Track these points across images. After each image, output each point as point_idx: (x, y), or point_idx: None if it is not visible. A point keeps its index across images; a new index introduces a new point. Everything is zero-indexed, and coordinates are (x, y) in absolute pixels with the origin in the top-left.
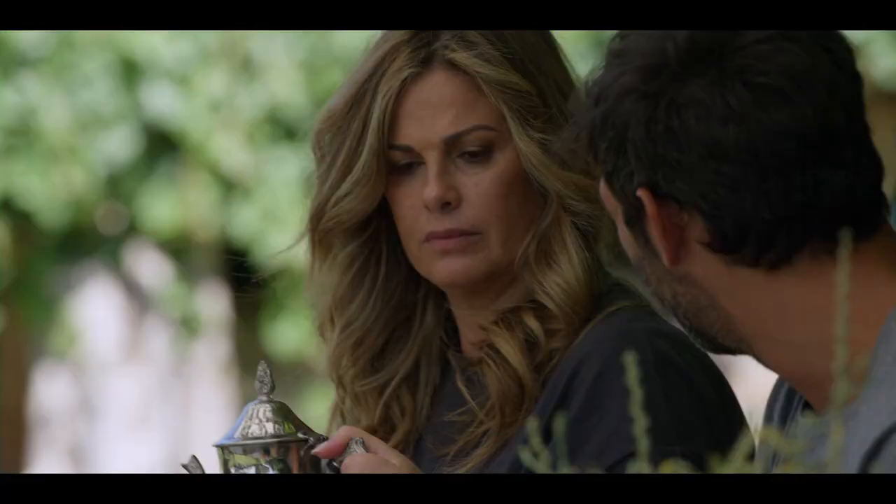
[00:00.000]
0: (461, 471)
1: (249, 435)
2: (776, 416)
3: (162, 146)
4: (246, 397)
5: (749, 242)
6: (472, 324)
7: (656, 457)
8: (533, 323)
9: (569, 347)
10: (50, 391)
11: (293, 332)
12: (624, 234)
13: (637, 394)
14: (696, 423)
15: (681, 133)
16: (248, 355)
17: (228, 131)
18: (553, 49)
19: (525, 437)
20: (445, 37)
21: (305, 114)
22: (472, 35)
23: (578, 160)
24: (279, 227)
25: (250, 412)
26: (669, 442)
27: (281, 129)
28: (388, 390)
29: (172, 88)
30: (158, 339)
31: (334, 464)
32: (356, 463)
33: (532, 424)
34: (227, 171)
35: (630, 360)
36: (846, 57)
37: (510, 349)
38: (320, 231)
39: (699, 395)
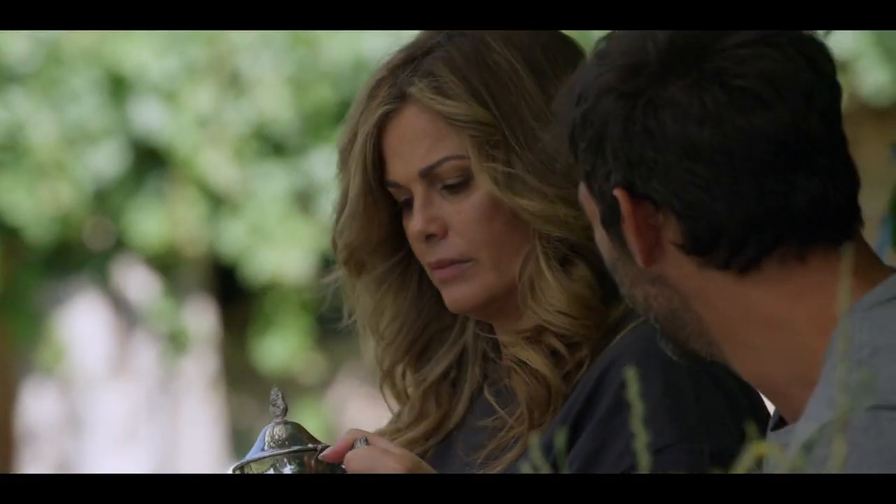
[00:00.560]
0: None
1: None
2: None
3: (149, 162)
4: (233, 412)
5: (721, 245)
6: (502, 341)
7: (686, 455)
8: (554, 341)
9: (601, 352)
10: (37, 406)
11: (281, 348)
12: (600, 235)
13: (638, 407)
14: (726, 423)
15: (657, 133)
16: (236, 371)
17: (216, 147)
18: (536, 70)
19: (548, 441)
20: (414, 70)
21: (293, 129)
22: (438, 65)
23: (561, 165)
24: (267, 243)
25: (266, 434)
26: (699, 440)
27: (269, 144)
28: (425, 385)
29: (160, 104)
30: (146, 354)
31: (343, 467)
32: (356, 455)
33: (533, 440)
34: (215, 186)
35: (631, 375)
36: (826, 65)
37: (534, 356)
38: (340, 259)
39: (729, 397)
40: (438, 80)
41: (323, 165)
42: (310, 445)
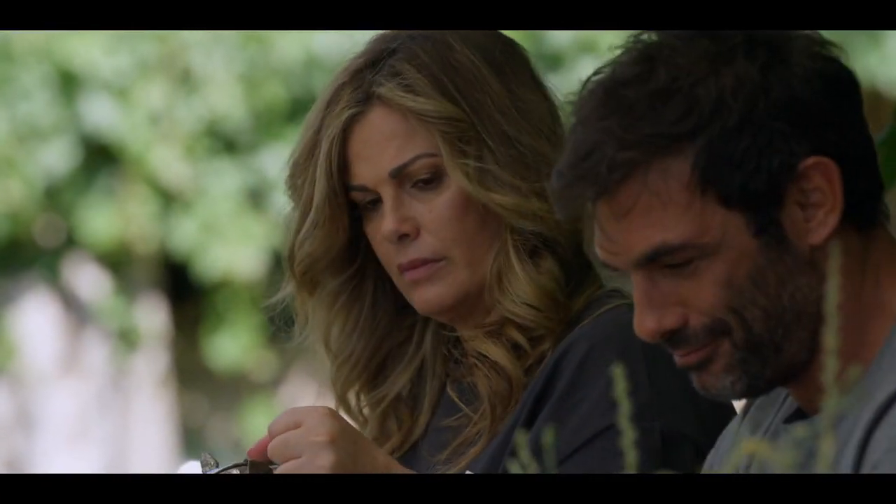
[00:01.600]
0: (454, 470)
1: None
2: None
3: (100, 159)
4: (184, 410)
5: (875, 199)
6: (463, 336)
7: (636, 432)
8: (516, 334)
9: (560, 342)
10: None
11: (232, 345)
12: (739, 252)
13: (625, 405)
14: (679, 404)
15: (815, 77)
16: (187, 368)
17: (167, 144)
18: (496, 68)
19: (506, 434)
20: (379, 72)
21: (244, 126)
22: (404, 65)
23: (531, 159)
24: (219, 240)
25: None
26: (650, 418)
27: (220, 141)
28: (383, 405)
29: (111, 101)
30: (97, 351)
31: (271, 466)
32: (276, 420)
33: (520, 438)
34: (166, 183)
35: (618, 373)
36: None
37: (495, 349)
38: (297, 273)
39: (685, 381)
40: (406, 78)
41: (274, 163)
42: (241, 462)
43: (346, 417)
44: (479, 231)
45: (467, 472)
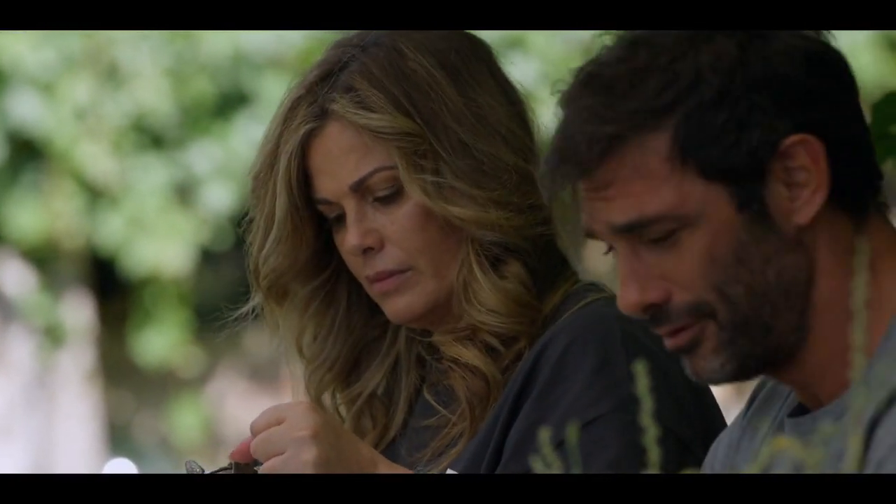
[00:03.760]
0: (435, 471)
1: None
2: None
3: (26, 154)
4: (111, 407)
5: (868, 187)
6: (436, 341)
7: (617, 424)
8: (489, 338)
9: (537, 340)
10: None
11: (160, 341)
12: (721, 226)
13: (648, 403)
14: (660, 396)
15: (804, 58)
16: (114, 365)
17: (94, 139)
18: (452, 73)
19: (485, 432)
20: (332, 87)
21: (172, 121)
22: (356, 78)
23: (488, 166)
24: (146, 235)
25: None
26: (631, 411)
27: (147, 136)
28: (359, 402)
29: (37, 95)
30: (22, 348)
31: (255, 468)
32: (256, 420)
33: (544, 435)
34: (93, 178)
35: (640, 369)
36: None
37: (468, 353)
38: (262, 287)
39: (665, 373)
40: (359, 93)
41: (202, 158)
42: (226, 466)
43: None
44: (442, 239)
45: (448, 470)
